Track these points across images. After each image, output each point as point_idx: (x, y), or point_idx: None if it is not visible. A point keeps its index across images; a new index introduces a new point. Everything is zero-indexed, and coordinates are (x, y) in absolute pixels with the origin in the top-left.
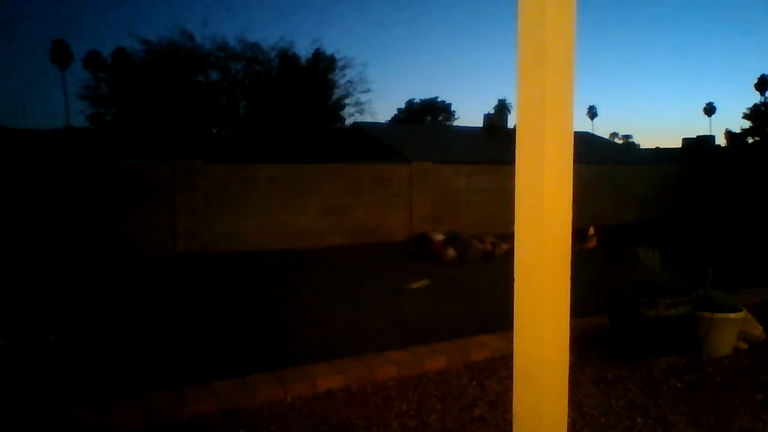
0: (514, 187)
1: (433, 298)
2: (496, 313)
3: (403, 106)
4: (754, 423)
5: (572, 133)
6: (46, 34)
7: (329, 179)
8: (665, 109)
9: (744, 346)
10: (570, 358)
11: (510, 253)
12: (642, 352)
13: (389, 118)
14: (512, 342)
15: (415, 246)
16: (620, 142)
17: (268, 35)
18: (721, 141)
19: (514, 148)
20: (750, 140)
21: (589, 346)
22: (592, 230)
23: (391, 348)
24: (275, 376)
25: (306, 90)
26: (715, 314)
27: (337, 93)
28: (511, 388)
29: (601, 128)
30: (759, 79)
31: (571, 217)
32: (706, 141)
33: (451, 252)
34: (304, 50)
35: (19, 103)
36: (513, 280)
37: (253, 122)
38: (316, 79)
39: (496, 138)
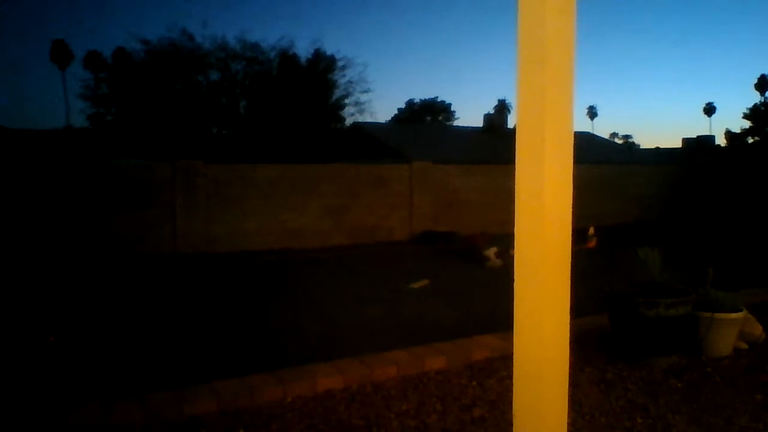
0: (514, 187)
1: (433, 297)
2: (497, 312)
3: (403, 106)
4: (754, 423)
5: (572, 133)
6: (46, 34)
7: (329, 179)
8: (665, 109)
9: (744, 346)
10: (570, 358)
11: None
12: (642, 352)
13: (389, 118)
14: (512, 342)
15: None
16: (620, 142)
17: (268, 35)
18: (721, 141)
19: (514, 148)
20: (750, 140)
21: (589, 346)
22: (592, 230)
23: (391, 348)
24: (275, 376)
25: (306, 90)
26: (715, 314)
27: (337, 93)
28: (511, 388)
29: (601, 128)
30: (759, 79)
31: (571, 217)
32: (706, 141)
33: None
34: (304, 50)
35: (19, 103)
36: (513, 279)
37: (253, 122)
38: (316, 79)
39: (496, 138)
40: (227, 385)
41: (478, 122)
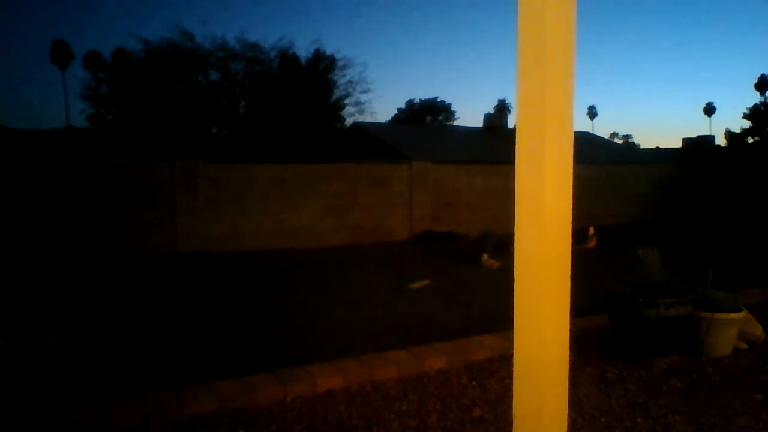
0: (514, 187)
1: (433, 297)
2: (497, 312)
3: (403, 106)
4: (754, 423)
5: (572, 133)
6: (46, 34)
7: (329, 179)
8: (665, 109)
9: (744, 346)
10: (570, 358)
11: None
12: (642, 352)
13: (389, 118)
14: (512, 342)
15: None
16: (620, 142)
17: (268, 35)
18: (721, 141)
19: (514, 148)
20: (750, 140)
21: (589, 346)
22: (592, 230)
23: (391, 348)
24: (275, 376)
25: (306, 90)
26: (715, 314)
27: (337, 93)
28: (511, 388)
29: (601, 128)
30: (759, 79)
31: (571, 217)
32: (706, 141)
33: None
34: (304, 50)
35: (19, 103)
36: (513, 280)
37: (253, 122)
38: (316, 79)
39: (496, 138)
40: (227, 385)
41: (478, 122)
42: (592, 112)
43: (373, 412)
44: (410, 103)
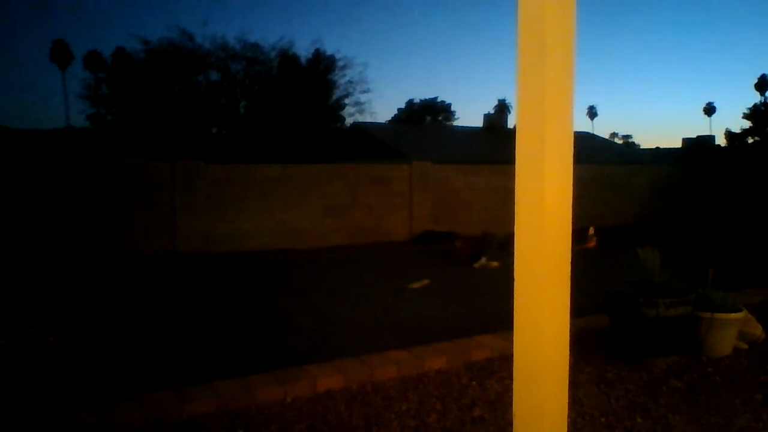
0: (514, 187)
1: (433, 297)
2: (497, 312)
3: (403, 106)
4: (754, 423)
5: (572, 133)
6: (46, 34)
7: (329, 179)
8: (665, 109)
9: (744, 346)
10: (570, 358)
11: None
12: (642, 352)
13: (389, 118)
14: (512, 342)
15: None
16: (620, 142)
17: (268, 35)
18: (721, 141)
19: (514, 148)
20: (750, 140)
21: (589, 346)
22: (592, 230)
23: (391, 348)
24: (275, 376)
25: (306, 90)
26: (715, 314)
27: (337, 93)
28: (511, 388)
29: (601, 128)
30: (759, 79)
31: (571, 217)
32: (706, 141)
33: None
34: (304, 50)
35: (20, 103)
36: (513, 280)
37: (253, 122)
38: (316, 79)
39: (496, 138)
40: (227, 385)
41: (478, 122)
42: (592, 112)
43: (373, 412)
44: (410, 103)
